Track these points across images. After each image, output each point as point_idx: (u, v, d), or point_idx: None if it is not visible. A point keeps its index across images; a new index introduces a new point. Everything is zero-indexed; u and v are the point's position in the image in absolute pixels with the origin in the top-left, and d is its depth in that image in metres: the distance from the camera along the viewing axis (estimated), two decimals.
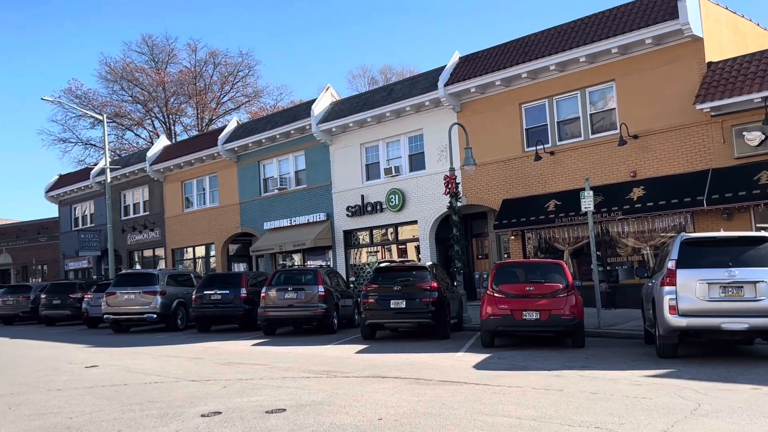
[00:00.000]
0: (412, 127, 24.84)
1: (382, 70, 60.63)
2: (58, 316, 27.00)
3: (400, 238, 25.81)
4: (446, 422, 6.89)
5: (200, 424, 7.20)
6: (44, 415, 8.03)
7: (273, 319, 18.12)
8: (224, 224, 32.09)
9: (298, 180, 29.22)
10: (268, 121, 31.00)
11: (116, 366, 12.67)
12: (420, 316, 15.21)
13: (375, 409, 7.62)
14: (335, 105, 27.88)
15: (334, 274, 20.50)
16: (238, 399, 8.59)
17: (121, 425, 7.29)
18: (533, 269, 14.05)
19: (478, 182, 22.65)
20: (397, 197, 24.94)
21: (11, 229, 48.96)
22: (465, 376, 9.98)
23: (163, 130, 52.60)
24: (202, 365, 12.38)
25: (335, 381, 9.86)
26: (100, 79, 59.75)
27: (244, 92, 56.08)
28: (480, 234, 25.25)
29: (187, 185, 34.67)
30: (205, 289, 20.23)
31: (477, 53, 23.33)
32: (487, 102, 22.65)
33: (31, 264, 46.45)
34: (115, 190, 36.62)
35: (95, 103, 51.99)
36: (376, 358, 12.45)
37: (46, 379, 11.19)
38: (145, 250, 37.37)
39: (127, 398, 8.99)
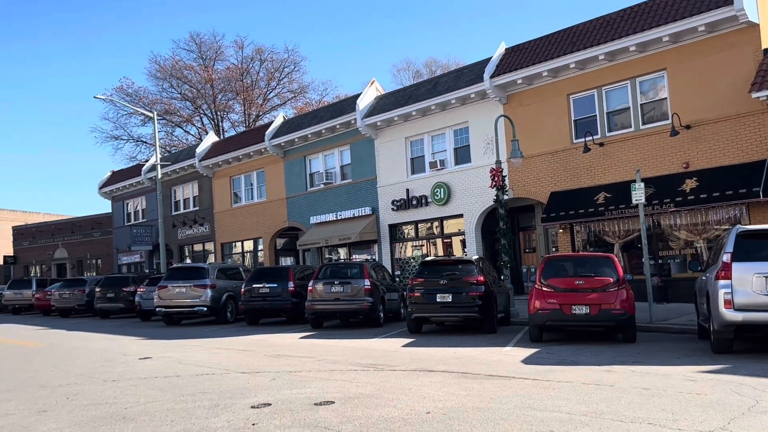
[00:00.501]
0: (458, 119, 24.69)
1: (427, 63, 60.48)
2: (112, 309, 27.74)
3: (446, 232, 25.71)
4: (495, 416, 6.85)
5: (250, 415, 7.31)
6: (100, 405, 8.26)
7: (320, 312, 18.27)
8: (271, 219, 32.48)
9: (344, 174, 29.36)
10: (314, 117, 31.23)
11: (169, 358, 12.95)
12: (466, 310, 15.13)
13: (423, 403, 7.62)
14: (380, 99, 27.90)
15: (379, 267, 20.56)
16: (287, 391, 8.68)
17: (174, 416, 7.45)
18: (583, 263, 13.82)
19: (525, 175, 22.39)
20: (442, 191, 24.84)
21: (67, 224, 50.47)
22: (513, 370, 9.90)
23: (211, 126, 53.51)
24: (251, 357, 12.56)
25: (382, 374, 9.89)
26: (150, 77, 61.19)
27: (290, 88, 56.64)
28: (527, 227, 24.98)
29: (235, 180, 35.19)
30: (253, 282, 20.53)
31: (523, 44, 23.04)
32: (534, 93, 22.36)
33: (85, 258, 47.82)
34: (165, 186, 37.42)
35: (146, 100, 53.21)
36: (423, 352, 12.45)
37: (101, 371, 11.51)
38: (195, 245, 38.10)
39: (180, 389, 9.18)
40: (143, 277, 27.96)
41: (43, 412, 8.01)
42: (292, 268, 21.78)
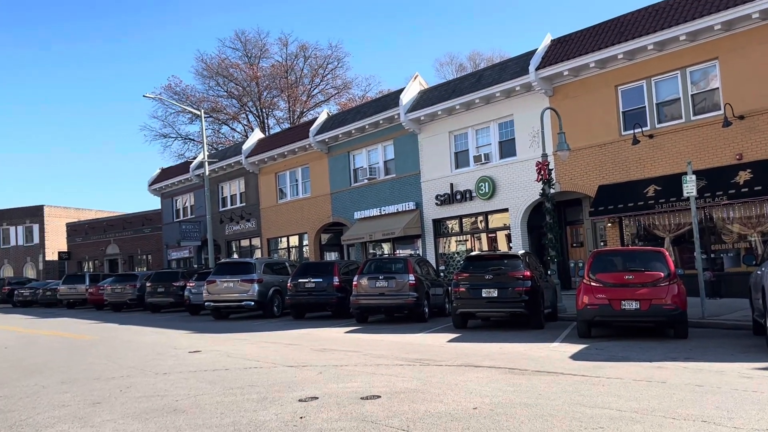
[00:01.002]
0: (503, 113, 24.44)
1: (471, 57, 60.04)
2: (162, 303, 28.35)
3: (490, 227, 25.51)
4: (543, 413, 6.76)
5: (298, 408, 7.38)
6: (152, 398, 8.44)
7: (365, 306, 18.34)
8: (316, 214, 32.73)
9: (387, 169, 29.38)
10: (357, 112, 31.31)
11: (217, 351, 13.16)
12: (513, 306, 14.99)
13: (469, 398, 7.57)
14: (423, 93, 27.81)
15: (424, 262, 20.52)
16: (333, 385, 8.74)
17: (223, 408, 7.57)
18: (632, 257, 13.56)
19: (572, 168, 22.05)
20: (487, 185, 24.64)
21: (118, 221, 51.77)
22: (561, 366, 9.76)
23: (257, 123, 54.19)
24: (298, 351, 12.68)
25: (428, 369, 9.87)
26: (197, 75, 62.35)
27: (334, 84, 56.97)
28: (574, 221, 24.61)
29: (280, 177, 35.56)
30: (299, 277, 20.74)
31: (569, 35, 22.67)
32: (580, 85, 21.98)
33: (136, 254, 48.98)
34: (213, 183, 38.04)
35: (193, 99, 54.19)
36: (469, 347, 12.38)
37: (152, 364, 11.76)
38: (242, 240, 38.65)
39: (229, 382, 9.33)
40: (192, 272, 28.48)
41: (98, 403, 8.23)
42: (337, 263, 21.91)
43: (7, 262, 58.42)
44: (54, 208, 58.80)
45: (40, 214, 57.51)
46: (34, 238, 57.60)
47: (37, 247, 57.24)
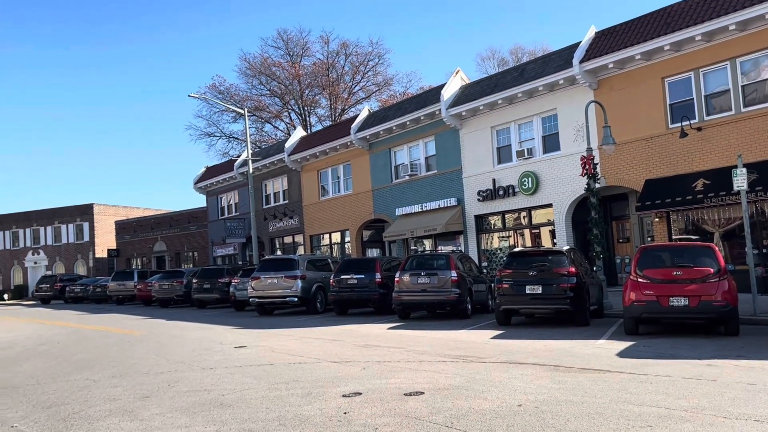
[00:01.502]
0: (546, 107, 24.13)
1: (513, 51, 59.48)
2: (208, 300, 28.84)
3: (534, 223, 25.24)
4: (589, 410, 6.66)
5: (342, 403, 7.42)
6: (199, 392, 8.59)
7: (407, 303, 18.34)
8: (358, 211, 32.85)
9: (429, 166, 29.30)
10: (398, 109, 31.30)
11: (262, 347, 13.33)
12: (557, 302, 14.81)
13: (514, 396, 7.51)
14: (465, 89, 27.63)
15: (466, 259, 20.41)
16: (377, 381, 8.76)
17: (268, 403, 7.66)
18: (681, 253, 13.24)
19: (618, 162, 21.65)
20: (530, 180, 24.37)
21: (165, 218, 52.80)
22: (608, 363, 9.60)
23: (299, 121, 54.63)
24: (341, 347, 12.76)
25: (471, 366, 9.81)
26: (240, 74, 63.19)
27: (375, 81, 57.04)
28: (620, 216, 24.18)
29: (322, 174, 35.79)
30: (342, 273, 20.85)
31: (614, 27, 22.24)
32: (626, 78, 21.56)
33: (183, 251, 49.89)
34: (256, 180, 38.50)
35: (236, 98, 54.89)
36: (512, 344, 12.27)
37: (199, 359, 11.97)
38: (285, 237, 39.04)
39: (274, 377, 9.43)
40: (237, 269, 28.89)
41: (147, 397, 8.41)
42: (379, 259, 21.96)
43: (59, 259, 60.19)
44: (103, 206, 60.25)
45: (90, 213, 59.03)
46: (84, 236, 59.18)
47: (88, 245, 58.79)
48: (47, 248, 60.88)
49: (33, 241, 61.70)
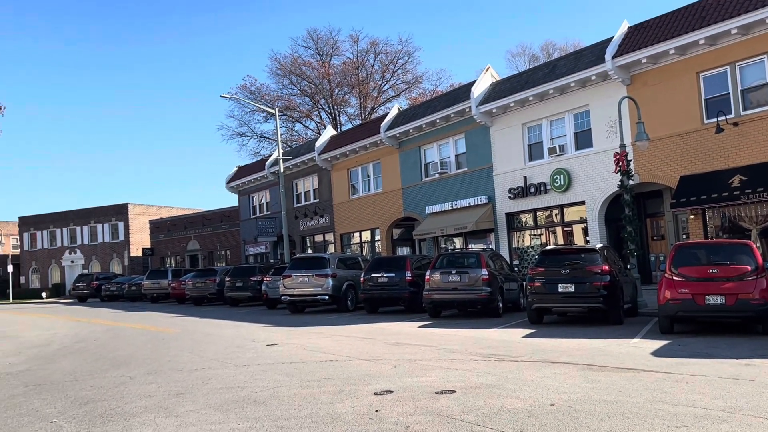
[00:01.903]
0: (578, 103, 23.86)
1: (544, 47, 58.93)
2: (241, 298, 29.13)
3: (566, 220, 24.99)
4: (623, 410, 6.57)
5: (373, 401, 7.43)
6: (232, 389, 8.68)
7: (438, 301, 18.30)
8: (388, 209, 32.86)
9: (459, 163, 29.19)
10: (428, 106, 31.23)
11: (294, 344, 13.42)
12: (590, 301, 14.64)
13: (546, 395, 7.44)
14: (495, 86, 27.46)
15: (497, 257, 20.30)
16: (408, 379, 8.76)
17: (300, 400, 7.70)
18: (717, 250, 12.98)
19: (652, 158, 21.32)
20: (562, 177, 24.13)
21: (198, 218, 53.45)
22: (642, 363, 9.47)
23: (329, 120, 54.84)
24: (372, 345, 12.78)
25: (503, 365, 9.76)
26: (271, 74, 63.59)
27: (404, 79, 57.00)
28: (655, 213, 23.81)
29: (352, 173, 35.88)
30: (372, 272, 20.88)
31: (647, 21, 21.90)
32: (659, 73, 21.22)
33: (215, 249, 50.46)
34: (287, 180, 38.75)
35: (267, 98, 55.32)
36: (545, 343, 12.17)
37: (232, 356, 12.10)
38: (315, 235, 39.24)
39: (305, 375, 9.49)
40: (269, 267, 29.14)
41: (181, 394, 8.52)
42: (409, 257, 21.95)
43: (95, 258, 61.33)
44: (137, 206, 61.24)
45: (125, 212, 60.05)
46: (119, 235, 60.22)
47: (123, 244, 59.81)
48: (84, 247, 62.10)
49: (70, 240, 62.98)
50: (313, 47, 56.76)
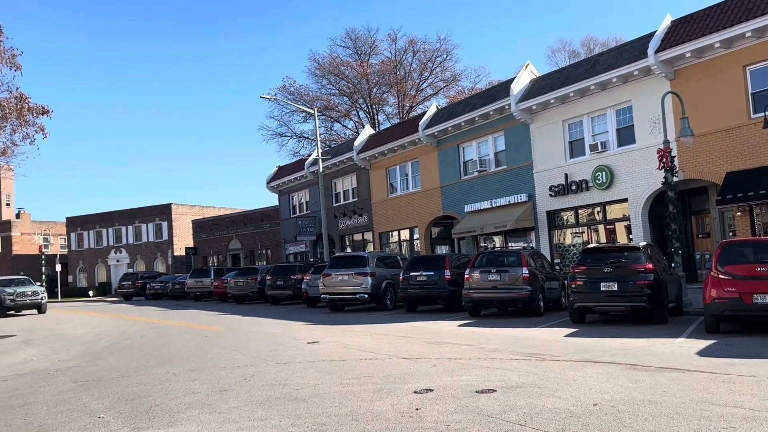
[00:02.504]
0: (620, 99, 23.47)
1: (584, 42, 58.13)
2: (282, 296, 29.42)
3: (608, 218, 24.61)
4: (668, 410, 6.46)
5: (413, 400, 7.44)
6: (274, 386, 8.79)
7: (477, 300, 18.22)
8: (426, 208, 32.81)
9: (498, 161, 28.98)
10: (467, 104, 31.07)
11: (334, 342, 13.51)
12: (634, 300, 14.40)
13: (589, 395, 7.35)
14: (535, 82, 27.19)
15: (538, 255, 20.10)
16: (448, 377, 8.74)
17: (341, 398, 7.76)
18: (765, 248, 12.62)
19: (697, 154, 20.85)
20: (604, 174, 23.77)
21: (239, 217, 54.16)
22: (688, 363, 9.28)
23: (367, 119, 54.98)
24: (411, 344, 12.79)
25: (544, 364, 9.67)
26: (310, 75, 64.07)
27: (443, 77, 56.80)
28: (700, 211, 23.29)
29: (390, 171, 35.92)
30: (411, 270, 20.88)
31: (691, 15, 21.44)
32: (704, 67, 20.74)
33: (256, 248, 51.06)
34: (326, 179, 38.99)
35: (306, 98, 55.70)
36: (587, 342, 12.02)
37: (274, 353, 12.24)
38: (354, 234, 39.40)
39: (346, 373, 9.55)
40: (309, 266, 29.37)
41: (224, 391, 8.66)
42: (448, 256, 21.87)
43: (139, 257, 62.66)
44: (181, 206, 62.35)
45: (169, 212, 61.19)
46: (163, 235, 61.40)
47: (166, 243, 60.95)
48: (129, 247, 63.49)
49: (115, 240, 64.47)
50: (351, 47, 57.05)
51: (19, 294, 30.94)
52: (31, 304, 31.44)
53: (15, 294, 30.79)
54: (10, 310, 30.95)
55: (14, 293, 30.78)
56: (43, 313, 31.69)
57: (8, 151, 19.97)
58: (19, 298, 30.83)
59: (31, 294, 31.44)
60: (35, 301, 31.49)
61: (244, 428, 6.58)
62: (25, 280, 33.92)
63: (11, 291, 30.89)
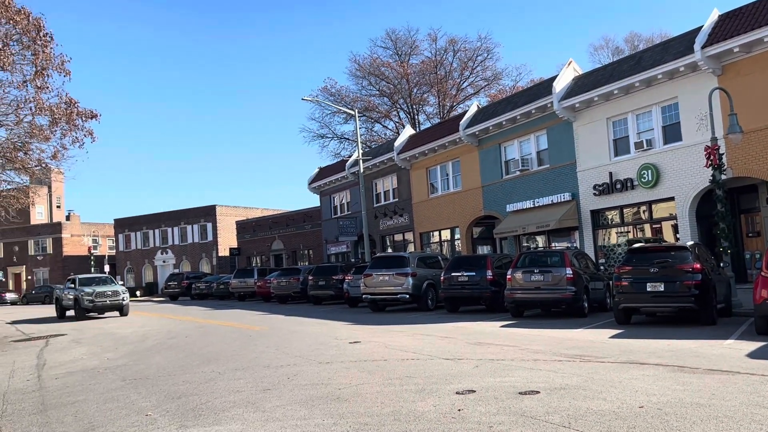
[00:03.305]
0: (665, 95, 22.98)
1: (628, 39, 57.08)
2: (323, 296, 29.64)
3: (654, 217, 24.12)
4: (717, 413, 6.31)
5: (456, 400, 7.42)
6: (317, 386, 8.86)
7: (520, 301, 18.06)
8: (467, 208, 32.64)
9: (540, 160, 28.66)
10: (508, 103, 30.82)
11: (375, 342, 13.55)
12: (681, 300, 14.10)
13: (635, 397, 7.22)
14: (578, 80, 26.81)
15: (582, 255, 19.82)
16: (490, 379, 8.69)
17: (383, 398, 7.78)
18: None
19: (746, 151, 20.28)
20: (649, 173, 23.30)
21: (282, 218, 54.74)
22: (737, 365, 9.04)
23: (407, 120, 54.96)
24: (453, 344, 12.75)
25: (589, 366, 9.53)
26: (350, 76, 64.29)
27: (483, 76, 56.39)
28: (750, 209, 22.65)
29: (431, 171, 35.84)
30: (452, 271, 20.81)
31: (739, 9, 20.86)
32: (753, 62, 20.16)
33: (299, 249, 51.52)
34: (367, 180, 39.12)
35: (347, 99, 55.97)
36: (633, 344, 11.80)
37: (316, 353, 12.34)
38: (395, 235, 39.43)
39: (388, 373, 9.57)
40: (350, 266, 29.51)
41: (268, 390, 8.77)
42: (490, 256, 21.73)
43: (185, 258, 63.83)
44: (225, 207, 63.34)
45: (213, 214, 62.22)
46: (208, 236, 62.44)
47: (211, 244, 61.96)
48: (175, 247, 64.75)
49: (162, 241, 65.83)
50: (391, 47, 57.08)
51: (98, 294, 27.66)
52: (111, 306, 28.14)
53: (94, 294, 27.52)
54: (89, 312, 27.83)
55: (93, 293, 27.53)
56: (125, 315, 28.48)
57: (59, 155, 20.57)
58: (98, 299, 27.56)
59: (111, 294, 28.08)
60: (116, 302, 28.11)
61: (288, 427, 6.65)
62: (106, 279, 30.66)
63: (90, 291, 27.65)
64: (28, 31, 18.01)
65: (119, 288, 29.05)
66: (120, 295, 28.31)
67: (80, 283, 28.78)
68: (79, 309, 27.52)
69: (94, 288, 28.08)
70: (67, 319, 28.68)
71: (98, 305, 27.68)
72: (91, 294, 27.48)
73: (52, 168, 22.96)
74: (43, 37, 18.28)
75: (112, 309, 28.36)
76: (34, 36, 18.12)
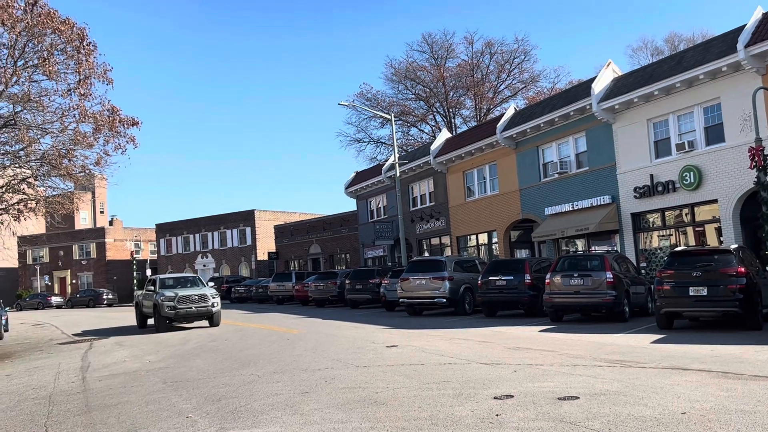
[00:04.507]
0: (707, 96, 22.50)
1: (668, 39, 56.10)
2: (360, 300, 29.72)
3: (697, 220, 23.60)
4: (763, 420, 6.15)
5: (493, 405, 7.37)
6: (354, 389, 8.89)
7: (559, 305, 17.85)
8: (505, 211, 32.39)
9: (579, 163, 28.29)
10: (546, 105, 30.52)
11: (412, 347, 13.53)
12: (725, 305, 13.77)
13: (677, 403, 7.09)
14: (617, 81, 26.43)
15: (622, 259, 19.50)
16: (528, 384, 8.61)
17: (420, 402, 7.77)
18: None
19: None
20: (692, 175, 22.83)
21: (319, 222, 55.12)
22: None
23: (444, 123, 54.87)
24: (490, 349, 12.66)
25: (630, 371, 9.38)
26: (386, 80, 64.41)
27: (521, 78, 56.05)
28: None
29: (468, 175, 35.67)
30: (490, 275, 20.68)
31: None
32: None
33: (336, 253, 51.78)
34: (403, 184, 39.13)
35: (383, 103, 56.12)
36: (675, 349, 11.57)
37: (353, 357, 12.38)
38: (432, 239, 39.33)
39: (425, 377, 9.55)
40: (387, 270, 29.54)
41: (306, 393, 8.83)
42: (528, 260, 21.53)
43: (224, 262, 64.69)
44: (263, 212, 64.03)
45: (252, 218, 62.96)
46: (247, 240, 63.19)
47: (250, 248, 62.68)
48: (214, 252, 65.69)
49: (202, 245, 66.85)
50: (428, 51, 57.07)
51: (182, 299, 21.81)
52: (198, 314, 22.26)
53: (176, 299, 21.75)
54: (171, 321, 22.28)
55: (175, 298, 21.77)
56: (216, 325, 22.75)
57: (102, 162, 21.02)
58: (181, 305, 21.73)
59: (198, 299, 22.09)
60: (203, 309, 22.16)
61: (326, 430, 6.70)
62: (192, 279, 24.88)
63: (171, 295, 21.89)
64: (72, 41, 18.49)
65: (208, 291, 23.02)
66: (209, 300, 22.39)
67: (161, 285, 23.22)
68: (159, 317, 22.00)
69: (177, 291, 22.21)
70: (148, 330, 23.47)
71: (181, 312, 21.89)
72: (173, 299, 21.80)
73: (95, 174, 23.47)
74: (87, 46, 18.75)
75: (198, 317, 22.70)
76: (77, 45, 18.60)
